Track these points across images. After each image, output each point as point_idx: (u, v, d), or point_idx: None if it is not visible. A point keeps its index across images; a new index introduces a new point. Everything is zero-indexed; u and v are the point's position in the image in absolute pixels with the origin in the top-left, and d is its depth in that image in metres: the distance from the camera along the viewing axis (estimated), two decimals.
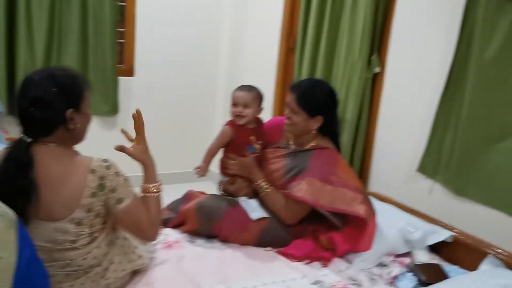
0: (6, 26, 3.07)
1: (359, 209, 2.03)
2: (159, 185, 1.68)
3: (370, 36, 2.68)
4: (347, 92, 2.80)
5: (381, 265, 2.05)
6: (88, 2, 3.30)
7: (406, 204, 2.50)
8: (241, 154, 2.24)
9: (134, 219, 1.54)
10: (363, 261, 2.03)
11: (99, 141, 2.23)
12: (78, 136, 1.56)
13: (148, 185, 1.65)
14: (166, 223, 2.24)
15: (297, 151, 2.22)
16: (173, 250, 2.00)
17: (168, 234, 2.13)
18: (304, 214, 2.13)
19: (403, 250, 2.14)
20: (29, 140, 1.47)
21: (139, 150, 1.69)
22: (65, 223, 1.46)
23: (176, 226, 2.21)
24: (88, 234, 1.52)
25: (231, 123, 2.27)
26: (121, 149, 1.67)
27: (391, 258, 2.10)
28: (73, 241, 1.49)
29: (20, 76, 3.15)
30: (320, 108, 2.14)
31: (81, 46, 3.35)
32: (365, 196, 2.12)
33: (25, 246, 1.05)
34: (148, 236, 1.62)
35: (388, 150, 2.70)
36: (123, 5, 3.60)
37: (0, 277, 0.97)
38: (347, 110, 2.79)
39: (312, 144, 2.20)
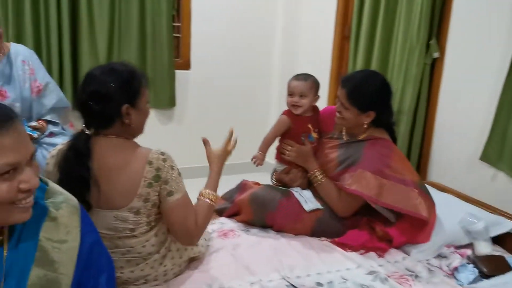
0: (70, 26, 3.24)
1: (419, 209, 1.97)
2: (216, 197, 1.72)
3: (429, 20, 2.58)
4: (405, 80, 2.71)
5: (440, 256, 1.99)
6: None
7: (468, 194, 2.41)
8: (298, 143, 2.23)
9: (181, 215, 1.56)
10: (421, 252, 1.98)
11: (156, 133, 2.31)
12: (134, 130, 1.60)
13: (206, 190, 1.71)
14: (221, 213, 2.29)
15: (350, 142, 2.18)
16: (228, 238, 2.04)
17: (224, 223, 2.18)
18: (357, 206, 2.10)
19: (464, 241, 2.07)
20: (89, 132, 1.54)
21: (216, 153, 1.80)
22: (124, 211, 1.53)
23: (231, 215, 2.25)
24: (146, 223, 1.58)
25: (287, 113, 2.27)
26: (205, 141, 1.82)
27: (451, 250, 2.03)
28: (132, 229, 1.56)
29: (84, 72, 3.30)
30: (372, 104, 2.06)
31: (140, 41, 3.48)
32: (421, 189, 2.06)
33: (88, 231, 1.11)
34: (191, 235, 1.60)
35: (449, 138, 2.60)
36: (178, 0, 3.69)
37: (64, 259, 1.04)
38: (405, 98, 2.72)
39: (366, 134, 2.15)
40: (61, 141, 2.58)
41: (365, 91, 2.06)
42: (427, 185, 2.21)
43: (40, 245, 1.02)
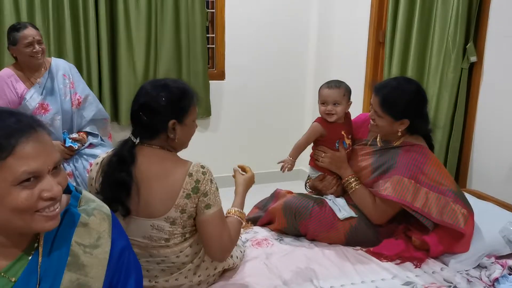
0: (108, 40, 3.35)
1: (453, 219, 1.93)
2: (243, 214, 1.75)
3: (465, 23, 2.52)
4: (441, 85, 2.66)
5: (480, 267, 1.93)
6: (180, 11, 3.49)
7: (509, 202, 2.32)
8: (332, 149, 2.22)
9: (217, 228, 1.58)
10: (459, 263, 1.92)
11: (193, 142, 2.33)
12: (178, 144, 1.66)
13: (234, 208, 1.75)
14: (255, 221, 2.29)
15: (384, 148, 2.15)
16: (262, 247, 2.04)
17: (257, 232, 2.18)
18: (393, 213, 2.06)
19: (505, 251, 1.99)
20: (136, 140, 1.61)
21: (243, 179, 1.85)
22: (161, 221, 1.56)
23: (264, 224, 2.26)
24: (181, 234, 1.61)
25: (320, 120, 2.26)
26: (236, 169, 1.90)
27: (492, 260, 1.95)
28: (167, 239, 1.59)
29: (123, 85, 3.42)
30: (405, 112, 2.03)
31: (175, 54, 3.55)
32: (458, 197, 2.00)
33: (118, 237, 1.14)
34: (225, 249, 1.61)
35: (489, 145, 2.52)
36: (212, 12, 3.75)
37: (95, 264, 1.07)
38: (441, 104, 2.66)
39: (401, 141, 2.11)
40: (100, 152, 2.68)
41: (399, 99, 2.03)
42: (466, 193, 2.14)
43: (72, 250, 1.05)
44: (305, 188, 2.40)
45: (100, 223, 1.11)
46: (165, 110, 1.57)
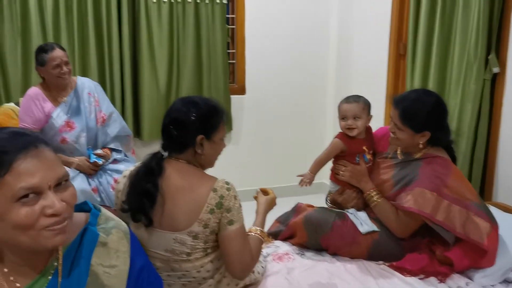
0: (131, 59, 3.44)
1: (474, 233, 1.89)
2: (264, 233, 1.77)
3: (486, 33, 2.50)
4: (463, 97, 2.63)
5: (507, 281, 1.88)
6: (201, 29, 3.55)
7: None
8: (352, 163, 2.22)
9: (239, 244, 1.59)
10: (485, 277, 1.88)
11: None
12: (205, 161, 1.69)
13: (254, 227, 1.77)
14: (276, 236, 2.29)
15: (405, 161, 2.13)
16: (283, 262, 2.04)
17: (279, 246, 2.18)
18: (416, 226, 2.03)
19: None
20: (164, 153, 1.65)
21: (265, 199, 1.89)
22: (184, 234, 1.58)
23: (286, 238, 2.25)
24: (203, 249, 1.63)
25: (341, 136, 2.26)
26: (258, 192, 1.94)
27: None
28: (189, 254, 1.61)
29: (145, 102, 3.49)
30: (426, 124, 2.01)
31: (197, 70, 3.61)
32: (482, 211, 1.96)
33: (137, 255, 1.15)
34: (246, 267, 1.62)
35: None
36: (232, 28, 3.80)
37: (114, 283, 1.08)
38: (464, 116, 2.62)
39: (422, 153, 2.09)
40: (124, 168, 2.72)
41: (419, 111, 2.01)
42: (491, 206, 2.10)
43: (91, 270, 1.06)
44: (326, 202, 2.39)
45: (119, 242, 1.12)
46: (194, 125, 1.61)
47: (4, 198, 0.93)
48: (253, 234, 1.73)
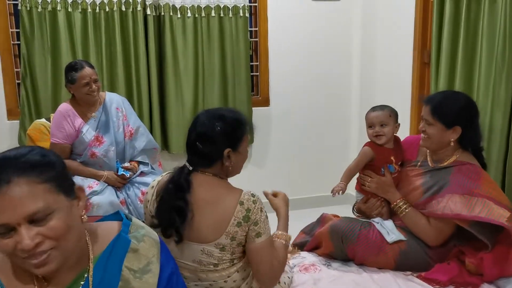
0: (157, 74, 3.50)
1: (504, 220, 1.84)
2: (288, 237, 1.78)
3: None
4: (493, 105, 2.56)
5: None
6: (225, 43, 3.60)
7: None
8: (378, 174, 2.21)
9: (268, 255, 1.61)
10: None
11: None
12: (232, 171, 1.71)
13: (279, 232, 1.77)
14: (302, 247, 2.29)
15: (436, 169, 2.11)
16: (309, 272, 2.03)
17: (305, 257, 2.18)
18: (449, 233, 2.00)
19: None
20: (190, 168, 1.67)
21: (278, 200, 1.85)
22: (211, 246, 1.61)
23: (312, 249, 2.25)
24: (229, 260, 1.64)
25: (370, 144, 2.26)
26: (266, 194, 1.88)
27: None
28: (216, 264, 1.63)
29: (172, 115, 3.55)
30: (457, 118, 2.01)
31: (221, 83, 3.65)
32: None
33: (166, 262, 1.18)
34: (275, 275, 1.66)
35: None
36: (255, 41, 3.84)
37: None
38: (495, 123, 2.55)
39: (452, 160, 2.07)
40: (151, 180, 2.76)
41: (450, 105, 2.03)
42: None
43: (122, 275, 1.10)
44: (353, 212, 2.38)
45: (150, 249, 1.16)
46: (220, 139, 1.63)
47: None
48: (278, 240, 1.74)
